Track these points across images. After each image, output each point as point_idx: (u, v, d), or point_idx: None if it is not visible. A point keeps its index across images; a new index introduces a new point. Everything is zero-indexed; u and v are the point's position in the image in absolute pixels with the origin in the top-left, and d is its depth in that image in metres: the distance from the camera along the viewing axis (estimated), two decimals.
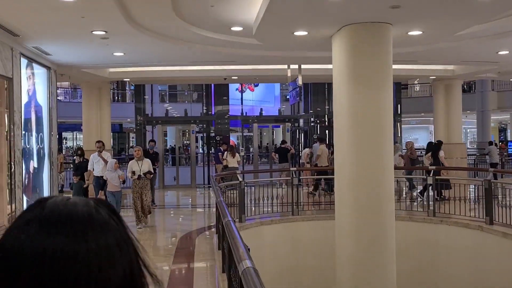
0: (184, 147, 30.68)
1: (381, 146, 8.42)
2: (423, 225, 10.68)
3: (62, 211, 0.77)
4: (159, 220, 12.55)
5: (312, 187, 15.04)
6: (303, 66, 15.71)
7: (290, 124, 20.97)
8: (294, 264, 10.06)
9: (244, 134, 26.50)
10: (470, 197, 11.05)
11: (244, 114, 24.44)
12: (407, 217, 10.92)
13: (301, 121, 21.95)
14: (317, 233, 10.47)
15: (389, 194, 8.53)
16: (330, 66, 16.12)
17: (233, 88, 26.16)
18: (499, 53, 13.08)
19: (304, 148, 19.42)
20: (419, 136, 40.82)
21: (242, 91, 26.79)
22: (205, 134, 22.47)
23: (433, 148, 14.45)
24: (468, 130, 44.40)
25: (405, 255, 9.71)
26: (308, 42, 11.20)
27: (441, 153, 14.14)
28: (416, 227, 10.56)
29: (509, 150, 32.72)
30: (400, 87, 25.27)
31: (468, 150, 23.92)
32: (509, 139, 43.07)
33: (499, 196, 10.55)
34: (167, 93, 32.81)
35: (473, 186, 12.03)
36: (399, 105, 22.64)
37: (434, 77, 18.32)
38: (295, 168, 13.61)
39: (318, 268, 9.81)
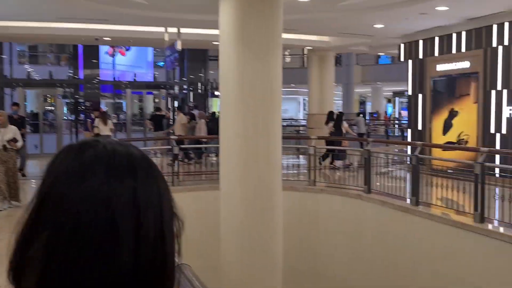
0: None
1: (269, 115, 8.15)
2: (304, 195, 10.73)
3: (122, 152, 0.75)
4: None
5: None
6: (181, 30, 15.00)
7: (165, 91, 20.21)
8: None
9: (116, 100, 25.15)
10: (354, 167, 11.28)
11: (116, 79, 23.15)
12: (289, 186, 10.88)
13: (177, 88, 21.26)
14: (199, 205, 10.07)
15: (277, 164, 8.34)
16: (210, 31, 15.69)
17: (103, 51, 24.57)
18: (375, 26, 13.44)
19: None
20: (288, 107, 41.85)
21: (113, 55, 25.29)
22: (72, 99, 20.90)
23: (337, 118, 14.90)
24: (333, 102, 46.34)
25: (288, 225, 9.66)
26: (192, 2, 10.55)
27: (345, 124, 14.49)
28: (298, 196, 10.56)
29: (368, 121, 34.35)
30: None
31: None
32: (369, 111, 45.83)
33: (379, 167, 10.88)
34: (28, 54, 30.06)
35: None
36: None
37: (311, 48, 18.55)
38: (176, 137, 12.98)
39: (201, 241, 9.44)
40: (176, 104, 21.53)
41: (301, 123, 33.31)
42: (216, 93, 23.43)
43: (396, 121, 38.43)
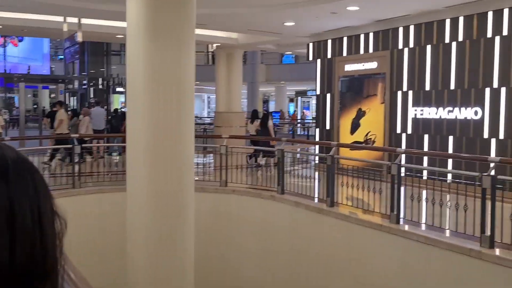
0: None
1: (181, 112, 7.65)
2: (216, 196, 10.31)
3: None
4: None
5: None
6: (82, 21, 14.02)
7: (63, 86, 18.91)
8: (80, 240, 8.79)
9: (8, 95, 23.24)
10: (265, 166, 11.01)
11: (8, 72, 21.36)
12: (199, 187, 10.41)
13: (76, 82, 20.00)
14: (104, 208, 9.34)
15: (189, 164, 7.85)
16: (114, 23, 14.83)
17: None
18: (285, 24, 13.30)
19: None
20: None
21: (4, 45, 23.36)
22: None
23: (263, 117, 15.05)
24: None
25: (199, 228, 9.19)
26: None
27: (270, 123, 14.40)
28: (209, 198, 10.12)
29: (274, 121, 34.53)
30: None
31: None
32: (272, 110, 46.30)
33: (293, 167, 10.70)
34: None
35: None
36: None
37: (219, 44, 18.15)
38: (77, 135, 12.02)
39: (105, 245, 8.74)
40: (77, 99, 20.29)
41: (206, 121, 32.87)
42: (118, 89, 22.40)
43: (299, 121, 39.08)
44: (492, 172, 5.98)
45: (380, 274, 7.33)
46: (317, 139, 15.12)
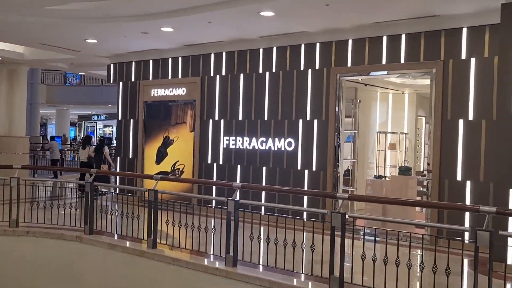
0: None
1: None
2: (3, 239, 8.48)
3: None
4: None
5: None
6: None
7: None
8: None
9: None
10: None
11: None
12: None
13: None
14: None
15: None
16: None
17: None
18: (87, 40, 11.93)
19: None
20: None
21: None
22: None
23: (100, 143, 15.03)
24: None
25: None
26: None
27: (106, 149, 13.97)
28: None
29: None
30: None
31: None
32: (52, 134, 42.72)
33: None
34: None
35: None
36: None
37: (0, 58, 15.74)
38: None
39: None
40: None
41: None
42: None
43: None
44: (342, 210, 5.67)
45: None
46: (118, 169, 13.84)
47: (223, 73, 11.70)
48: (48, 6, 9.78)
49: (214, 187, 11.52)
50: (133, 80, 13.54)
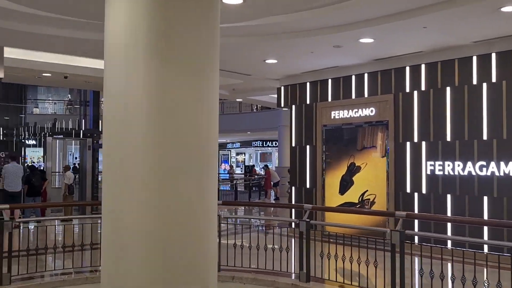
0: None
1: (204, 159, 4.96)
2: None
3: None
4: None
5: None
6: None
7: None
8: None
9: None
10: None
11: None
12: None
13: None
14: None
15: (213, 231, 5.10)
16: (39, 55, 11.73)
17: None
18: (267, 61, 10.93)
19: None
20: None
21: None
22: None
23: None
24: None
25: None
26: None
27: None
28: None
29: None
30: None
31: None
32: None
33: None
34: None
35: None
36: None
37: None
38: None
39: None
40: None
41: None
42: (30, 141, 18.78)
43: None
44: None
45: None
46: (293, 200, 12.65)
47: (423, 88, 10.09)
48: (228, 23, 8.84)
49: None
50: (308, 102, 12.35)
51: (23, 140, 17.17)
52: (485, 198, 9.11)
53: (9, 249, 6.77)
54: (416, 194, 10.16)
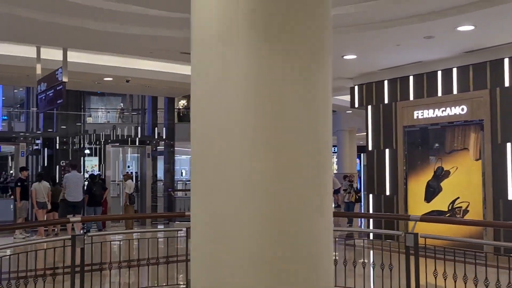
0: None
1: (317, 167, 4.05)
2: None
3: None
4: None
5: None
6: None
7: (25, 146, 14.80)
8: None
9: None
10: None
11: None
12: None
13: (41, 140, 15.92)
14: None
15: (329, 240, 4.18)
16: (101, 58, 11.21)
17: None
18: (346, 57, 10.01)
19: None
20: None
21: None
22: None
23: None
24: None
25: None
26: None
27: None
28: None
29: None
30: None
31: None
32: None
33: None
34: None
35: None
36: None
37: None
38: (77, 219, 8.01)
39: None
40: (44, 162, 16.08)
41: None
42: (86, 151, 18.41)
43: None
44: None
45: None
46: (370, 209, 11.65)
47: None
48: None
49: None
50: (386, 101, 11.35)
51: (81, 148, 16.78)
52: None
53: (81, 264, 6.10)
54: None
